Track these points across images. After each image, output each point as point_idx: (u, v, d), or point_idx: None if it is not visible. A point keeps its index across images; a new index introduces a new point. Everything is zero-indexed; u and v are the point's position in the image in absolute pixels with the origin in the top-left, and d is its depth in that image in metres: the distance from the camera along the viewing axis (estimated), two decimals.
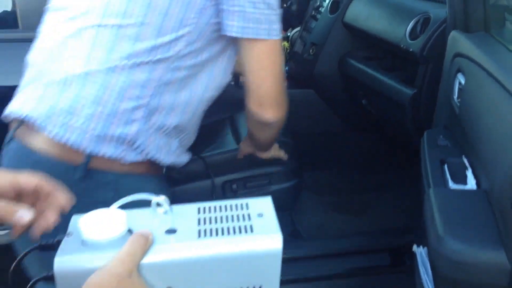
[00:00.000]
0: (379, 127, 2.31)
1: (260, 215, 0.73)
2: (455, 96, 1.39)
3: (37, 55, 1.17)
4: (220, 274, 0.70)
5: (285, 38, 2.40)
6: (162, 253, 0.67)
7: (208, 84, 1.19)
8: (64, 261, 0.66)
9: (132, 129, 1.07)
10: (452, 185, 1.19)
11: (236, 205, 0.74)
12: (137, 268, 0.66)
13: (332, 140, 2.46)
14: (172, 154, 1.18)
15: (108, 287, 0.63)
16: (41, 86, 1.10)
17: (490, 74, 1.15)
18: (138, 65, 1.06)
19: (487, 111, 1.10)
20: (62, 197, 0.73)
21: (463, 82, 1.34)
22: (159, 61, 1.06)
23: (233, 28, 1.10)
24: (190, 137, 1.26)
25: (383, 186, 2.26)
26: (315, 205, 2.20)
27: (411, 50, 1.82)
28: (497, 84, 1.08)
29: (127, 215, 0.68)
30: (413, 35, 1.83)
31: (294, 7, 2.67)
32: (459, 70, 1.40)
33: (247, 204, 0.74)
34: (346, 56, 2.27)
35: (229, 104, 2.13)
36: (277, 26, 1.14)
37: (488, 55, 1.25)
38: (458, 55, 1.45)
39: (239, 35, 1.11)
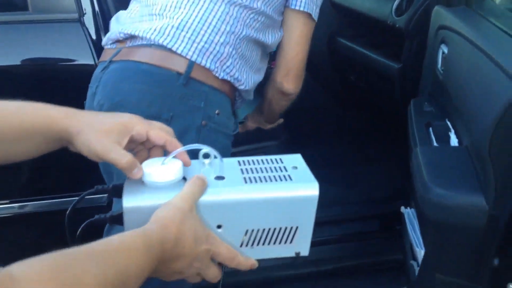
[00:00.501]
0: (368, 101, 2.45)
1: (294, 167, 0.85)
2: (439, 65, 1.52)
3: None
4: (263, 215, 0.81)
5: None
6: (215, 195, 0.79)
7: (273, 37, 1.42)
8: (131, 197, 0.77)
9: (226, 50, 1.28)
10: (436, 144, 1.33)
11: (271, 159, 0.87)
12: (196, 205, 0.77)
13: (323, 115, 2.59)
14: (250, 81, 1.37)
15: (173, 218, 0.73)
16: (149, 13, 1.31)
17: (470, 42, 1.28)
18: (234, 3, 1.29)
19: (468, 74, 1.24)
20: (183, 158, 0.82)
21: (446, 51, 1.47)
22: (246, 7, 1.30)
23: (301, 3, 1.37)
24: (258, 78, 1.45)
25: (372, 158, 2.40)
26: None
27: (397, 26, 1.94)
28: (477, 50, 1.21)
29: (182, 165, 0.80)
30: (399, 11, 1.96)
31: None
32: (442, 41, 1.53)
33: (280, 159, 0.87)
34: (334, 35, 2.39)
35: None
36: (317, 11, 1.43)
37: (469, 26, 1.38)
38: (442, 27, 1.58)
39: (303, 9, 1.37)
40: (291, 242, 0.83)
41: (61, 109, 0.84)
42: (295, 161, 0.87)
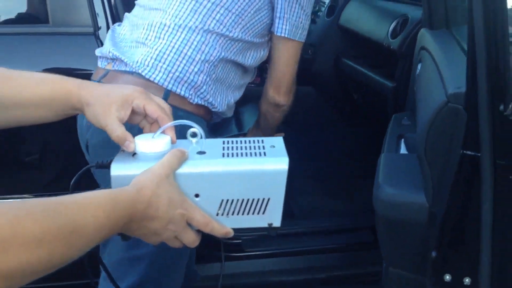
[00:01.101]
0: (367, 118, 2.59)
1: (272, 146, 0.94)
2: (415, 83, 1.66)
3: (136, 13, 1.52)
4: (238, 187, 0.89)
5: None
6: (193, 166, 0.88)
7: (253, 57, 1.55)
8: (119, 166, 0.88)
9: (200, 78, 1.39)
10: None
11: (254, 140, 0.96)
12: (173, 174, 0.86)
13: (326, 131, 2.74)
14: (224, 104, 1.50)
15: (149, 182, 0.82)
16: (136, 39, 1.44)
17: (432, 58, 1.42)
18: (211, 31, 1.40)
19: (425, 88, 1.38)
20: (171, 135, 0.93)
21: (419, 69, 1.62)
22: (223, 35, 1.41)
23: (284, 30, 1.50)
24: (235, 97, 1.58)
25: (370, 172, 2.52)
26: (309, 190, 2.47)
27: (391, 47, 2.10)
28: (434, 65, 1.36)
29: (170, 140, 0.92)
30: (394, 34, 2.11)
31: None
32: (420, 61, 1.68)
33: (262, 140, 0.96)
34: (340, 56, 2.55)
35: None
36: (306, 32, 1.57)
37: (437, 44, 1.52)
38: (422, 48, 1.72)
39: (288, 36, 1.50)
40: (263, 213, 0.91)
41: (76, 81, 0.97)
42: (275, 141, 0.96)
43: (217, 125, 2.27)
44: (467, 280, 1.16)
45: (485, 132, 1.02)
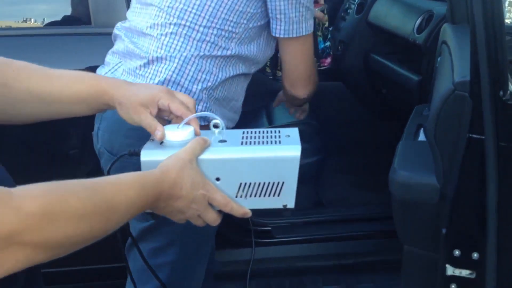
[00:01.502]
0: (396, 112, 2.68)
1: (287, 136, 1.04)
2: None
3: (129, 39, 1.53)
4: (255, 171, 0.99)
5: (322, 11, 2.80)
6: (215, 153, 0.99)
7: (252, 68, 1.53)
8: (148, 152, 1.00)
9: (199, 107, 1.39)
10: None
11: (271, 130, 1.06)
12: (196, 159, 0.96)
13: (356, 127, 2.84)
14: (224, 119, 1.50)
15: (174, 165, 0.93)
16: (133, 67, 1.45)
17: (448, 49, 1.52)
18: (207, 56, 1.39)
19: (440, 76, 1.48)
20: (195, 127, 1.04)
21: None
22: (218, 57, 1.41)
23: (280, 31, 1.44)
24: (238, 106, 1.57)
25: None
26: (338, 182, 2.58)
27: (417, 42, 2.19)
28: (449, 55, 1.45)
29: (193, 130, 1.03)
30: (420, 29, 2.21)
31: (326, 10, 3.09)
32: (440, 54, 1.77)
33: (279, 130, 1.06)
34: (369, 52, 2.65)
35: (266, 94, 2.58)
36: (311, 22, 1.49)
37: (456, 37, 1.61)
38: (443, 42, 1.81)
39: (284, 36, 1.45)
40: (278, 195, 1.01)
41: (109, 80, 1.10)
42: (291, 132, 1.06)
43: (248, 119, 2.40)
44: (475, 255, 1.26)
45: (487, 116, 1.12)
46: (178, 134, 1.02)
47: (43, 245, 0.73)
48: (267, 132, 1.06)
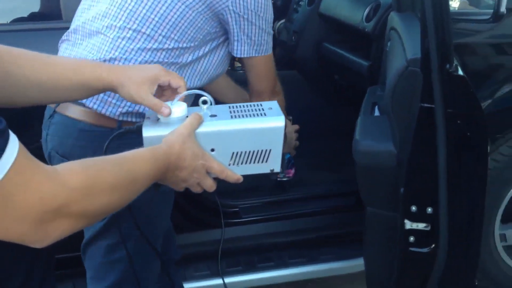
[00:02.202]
0: (348, 96, 2.90)
1: (270, 108, 1.17)
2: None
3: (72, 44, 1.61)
4: (245, 141, 1.12)
5: None
6: (209, 126, 1.10)
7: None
8: (149, 129, 1.10)
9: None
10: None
11: (253, 104, 1.18)
12: (194, 133, 1.08)
13: (312, 113, 3.04)
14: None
15: (177, 140, 1.05)
16: None
17: (397, 33, 1.73)
18: (162, 64, 1.46)
19: (392, 59, 1.69)
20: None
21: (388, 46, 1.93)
22: (169, 63, 1.49)
23: (243, 52, 1.58)
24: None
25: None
26: (297, 165, 2.77)
27: (366, 30, 2.41)
28: (398, 38, 1.66)
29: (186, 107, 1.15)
30: (368, 18, 2.43)
31: (279, 2, 3.29)
32: (389, 39, 1.99)
33: (261, 104, 1.19)
34: (321, 41, 2.86)
35: None
36: (271, 43, 1.68)
37: (402, 23, 1.83)
38: (391, 28, 2.03)
39: (247, 55, 1.59)
40: (266, 161, 1.14)
41: (106, 66, 1.20)
42: (272, 104, 1.19)
43: None
44: (429, 210, 1.47)
45: (436, 87, 1.33)
46: (173, 111, 1.13)
47: (84, 215, 0.85)
48: (251, 105, 1.19)
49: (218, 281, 2.27)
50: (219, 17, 1.53)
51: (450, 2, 2.26)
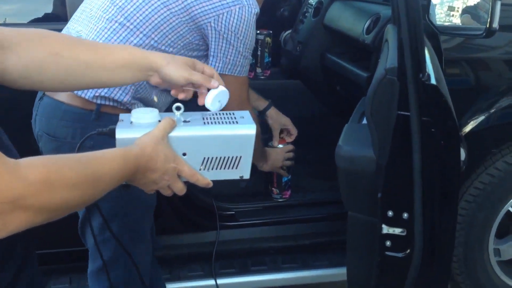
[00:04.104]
0: (349, 107, 2.96)
1: (242, 117, 1.20)
2: None
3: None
4: (216, 147, 1.14)
5: (268, 35, 3.08)
6: (182, 131, 1.13)
7: None
8: (122, 131, 1.12)
9: (126, 97, 1.61)
10: None
11: (226, 113, 1.21)
12: (167, 137, 1.10)
13: (313, 122, 3.11)
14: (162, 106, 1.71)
15: (150, 142, 1.06)
16: None
17: (388, 45, 1.79)
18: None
19: (378, 68, 1.75)
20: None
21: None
22: None
23: (217, 68, 1.68)
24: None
25: None
26: (295, 172, 2.83)
27: (366, 42, 2.47)
28: (387, 49, 1.73)
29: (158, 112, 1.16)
30: (368, 31, 2.49)
31: (286, 13, 3.38)
32: (382, 51, 2.05)
33: (233, 113, 1.21)
34: (325, 52, 2.93)
35: None
36: (246, 68, 1.76)
37: (394, 36, 1.89)
38: (385, 41, 2.10)
39: (220, 72, 1.66)
40: (236, 168, 1.17)
41: (148, 50, 1.29)
42: (244, 114, 1.22)
43: None
44: (405, 215, 1.53)
45: (412, 95, 1.40)
46: (146, 116, 1.16)
47: (42, 209, 0.86)
48: (223, 114, 1.22)
49: (211, 282, 2.35)
50: (201, 30, 1.62)
51: (451, 18, 2.32)
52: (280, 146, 2.49)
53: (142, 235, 1.77)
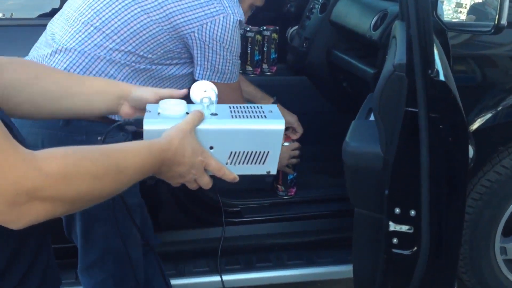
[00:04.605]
0: (355, 103, 2.95)
1: (270, 111, 1.17)
2: None
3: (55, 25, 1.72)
4: (244, 141, 1.12)
5: (275, 31, 3.07)
6: (210, 124, 1.11)
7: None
8: (150, 122, 1.10)
9: None
10: None
11: (254, 106, 1.19)
12: (194, 130, 1.09)
13: (319, 118, 3.10)
14: None
15: (177, 135, 1.06)
16: (42, 55, 1.63)
17: (395, 42, 1.78)
18: (116, 63, 1.57)
19: (386, 65, 1.74)
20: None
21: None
22: (124, 64, 1.59)
23: (204, 77, 1.68)
24: None
25: None
26: (301, 168, 2.82)
27: (373, 38, 2.46)
28: (395, 45, 1.72)
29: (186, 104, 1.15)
30: (375, 27, 2.48)
31: (293, 9, 3.36)
32: (389, 48, 2.04)
33: (261, 106, 1.19)
34: (331, 48, 2.92)
35: None
36: (236, 74, 1.73)
37: (401, 32, 1.88)
38: (393, 37, 2.09)
39: (208, 80, 1.59)
40: (263, 163, 1.14)
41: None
42: (272, 108, 1.20)
43: None
44: (412, 212, 1.52)
45: (420, 91, 1.39)
46: (174, 108, 1.14)
47: (60, 201, 0.86)
48: (252, 107, 1.20)
49: (216, 278, 2.34)
50: (183, 39, 1.61)
51: (459, 14, 2.31)
52: (286, 144, 2.46)
53: (129, 234, 1.73)
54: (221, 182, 1.19)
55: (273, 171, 1.18)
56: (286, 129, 2.54)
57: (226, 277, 2.34)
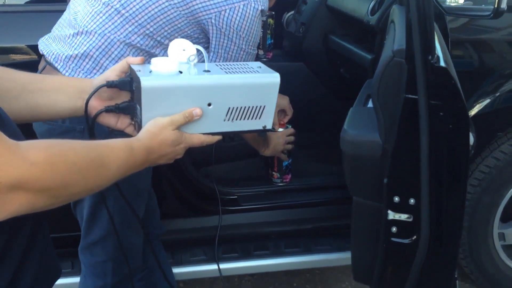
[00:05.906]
0: (352, 89, 2.91)
1: (259, 67, 1.20)
2: None
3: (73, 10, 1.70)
4: (241, 96, 1.14)
5: (270, 16, 3.01)
6: (207, 80, 1.13)
7: None
8: (146, 79, 1.09)
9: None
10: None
11: (242, 64, 1.20)
12: (177, 127, 1.12)
13: (316, 105, 3.06)
14: None
15: (157, 131, 1.10)
16: (65, 35, 1.63)
17: (394, 27, 1.74)
18: (133, 46, 1.56)
19: (385, 50, 1.70)
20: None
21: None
22: (141, 49, 1.58)
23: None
24: None
25: None
26: (298, 155, 2.79)
27: (370, 23, 2.42)
28: (394, 30, 1.68)
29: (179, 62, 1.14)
30: (373, 11, 2.43)
31: None
32: (387, 33, 2.00)
33: (247, 63, 1.21)
34: (328, 33, 2.87)
35: None
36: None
37: (400, 16, 1.84)
38: (391, 22, 2.04)
39: None
40: (260, 118, 1.18)
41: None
42: (260, 64, 1.22)
43: None
44: (411, 201, 1.49)
45: (420, 78, 1.35)
46: (166, 65, 1.13)
47: (43, 192, 0.85)
48: (239, 64, 1.20)
49: (214, 266, 2.32)
50: (201, 25, 1.57)
51: None
52: (281, 130, 2.43)
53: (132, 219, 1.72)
54: (219, 170, 1.18)
55: (269, 125, 1.21)
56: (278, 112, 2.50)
57: (223, 266, 2.33)
